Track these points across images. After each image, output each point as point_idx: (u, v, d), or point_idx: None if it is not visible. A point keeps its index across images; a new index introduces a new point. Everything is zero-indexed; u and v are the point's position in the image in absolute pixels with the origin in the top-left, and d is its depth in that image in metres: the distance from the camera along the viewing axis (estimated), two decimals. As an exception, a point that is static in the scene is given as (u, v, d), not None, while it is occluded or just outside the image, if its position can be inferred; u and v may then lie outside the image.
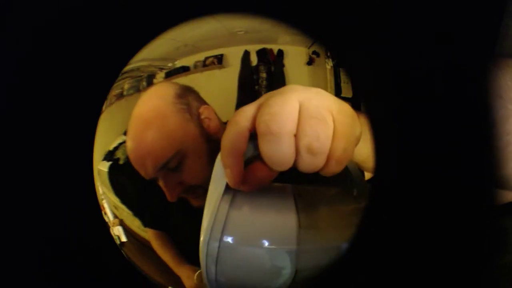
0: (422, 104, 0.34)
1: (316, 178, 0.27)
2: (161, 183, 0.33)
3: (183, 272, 0.34)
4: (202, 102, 0.34)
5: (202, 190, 0.33)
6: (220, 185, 0.26)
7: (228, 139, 0.24)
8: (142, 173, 0.33)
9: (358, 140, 0.25)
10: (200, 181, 0.33)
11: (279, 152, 0.22)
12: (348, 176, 0.30)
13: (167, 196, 0.33)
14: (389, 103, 0.34)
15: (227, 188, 0.26)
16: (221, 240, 0.26)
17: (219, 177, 0.26)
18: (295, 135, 0.22)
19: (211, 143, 0.33)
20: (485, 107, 0.33)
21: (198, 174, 0.32)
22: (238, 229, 0.26)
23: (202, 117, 0.34)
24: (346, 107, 0.25)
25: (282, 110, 0.22)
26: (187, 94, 0.34)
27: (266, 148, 0.22)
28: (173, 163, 0.32)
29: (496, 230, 0.31)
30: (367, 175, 0.33)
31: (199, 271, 0.33)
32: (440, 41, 0.33)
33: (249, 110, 0.23)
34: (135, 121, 0.33)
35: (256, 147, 0.24)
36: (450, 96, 0.34)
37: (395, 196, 0.33)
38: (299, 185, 0.29)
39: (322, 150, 0.22)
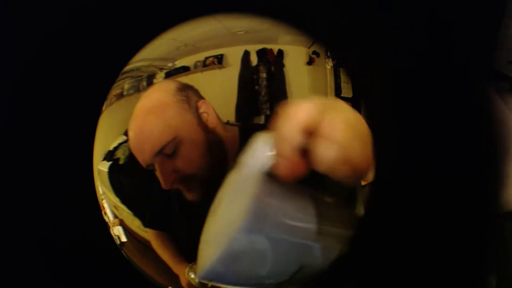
0: (422, 104, 0.34)
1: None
2: (157, 170, 0.33)
3: (182, 270, 0.34)
4: (201, 97, 0.34)
5: (197, 182, 0.33)
6: (257, 172, 0.26)
7: (289, 130, 0.24)
8: (140, 159, 0.34)
9: None
10: (196, 170, 0.33)
11: (332, 159, 0.23)
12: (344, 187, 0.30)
13: (161, 183, 0.33)
14: (389, 103, 0.34)
15: (265, 176, 0.26)
16: (258, 229, 0.25)
17: (257, 160, 0.26)
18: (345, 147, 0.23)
19: (208, 133, 0.34)
20: (486, 107, 0.33)
21: (194, 162, 0.33)
22: (274, 218, 0.26)
23: (200, 111, 0.34)
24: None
25: (347, 124, 0.24)
26: (187, 89, 0.35)
27: (323, 152, 0.23)
28: (170, 149, 0.33)
29: (497, 234, 0.31)
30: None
31: (191, 265, 0.33)
32: (440, 41, 0.33)
33: (309, 108, 0.24)
34: (137, 112, 0.34)
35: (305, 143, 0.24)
36: (450, 96, 0.34)
37: (395, 197, 0.33)
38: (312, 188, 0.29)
39: (360, 168, 0.24)
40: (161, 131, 0.33)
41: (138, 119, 0.34)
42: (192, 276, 0.33)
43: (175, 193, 0.35)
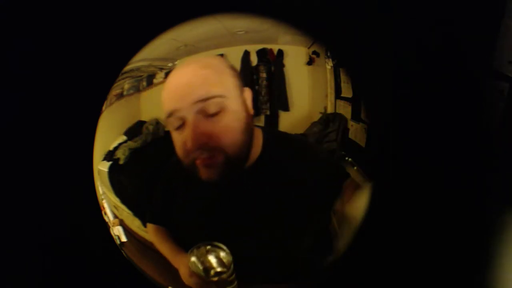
0: (421, 104, 0.34)
1: None
2: (188, 127, 0.31)
3: (182, 261, 0.34)
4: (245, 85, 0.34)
5: (222, 158, 0.32)
6: None
7: None
8: (172, 104, 0.31)
9: None
10: (228, 143, 0.32)
11: None
12: None
13: (188, 142, 0.31)
14: (389, 103, 0.34)
15: None
16: None
17: None
18: None
19: (248, 116, 0.33)
20: (485, 107, 0.33)
21: (230, 134, 0.32)
22: None
23: (244, 96, 0.34)
24: None
25: None
26: (238, 72, 0.34)
27: None
28: (214, 107, 0.31)
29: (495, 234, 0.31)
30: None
31: (192, 249, 0.32)
32: (440, 41, 0.33)
33: None
34: (188, 64, 0.33)
35: None
36: (450, 96, 0.34)
37: (395, 197, 0.33)
38: None
39: None
40: (215, 83, 0.32)
41: (190, 68, 0.32)
42: (194, 259, 0.33)
43: (177, 187, 0.35)
